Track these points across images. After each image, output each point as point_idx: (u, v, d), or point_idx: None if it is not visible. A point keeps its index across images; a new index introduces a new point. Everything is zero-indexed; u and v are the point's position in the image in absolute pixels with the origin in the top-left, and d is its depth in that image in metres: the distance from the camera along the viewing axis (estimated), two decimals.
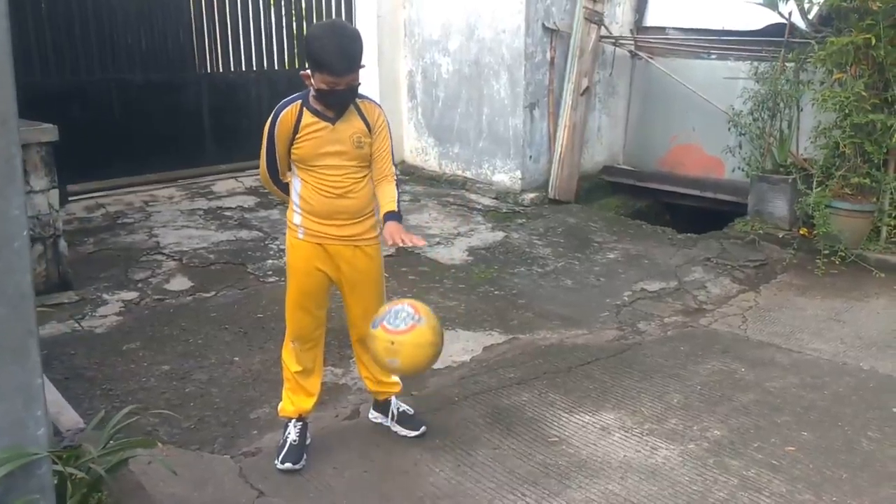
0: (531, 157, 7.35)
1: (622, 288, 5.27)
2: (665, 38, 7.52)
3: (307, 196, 3.01)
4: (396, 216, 2.97)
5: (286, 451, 3.15)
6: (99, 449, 2.43)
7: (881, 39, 5.47)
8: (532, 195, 7.26)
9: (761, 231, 6.17)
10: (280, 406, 3.27)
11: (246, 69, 7.89)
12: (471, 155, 7.75)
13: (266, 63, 8.00)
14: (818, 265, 5.54)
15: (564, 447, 3.33)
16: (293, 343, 3.18)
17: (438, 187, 7.77)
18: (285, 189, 3.13)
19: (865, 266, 5.57)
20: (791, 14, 6.28)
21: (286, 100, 2.98)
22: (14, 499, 1.99)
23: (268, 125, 2.98)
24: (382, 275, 3.24)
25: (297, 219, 3.07)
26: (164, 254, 5.64)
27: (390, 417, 3.40)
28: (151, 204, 6.86)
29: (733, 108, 6.64)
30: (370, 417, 3.50)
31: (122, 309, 4.72)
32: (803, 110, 6.33)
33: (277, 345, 3.37)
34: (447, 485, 3.06)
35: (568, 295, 5.17)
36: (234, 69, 7.84)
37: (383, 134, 3.04)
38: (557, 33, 7.21)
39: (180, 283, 5.12)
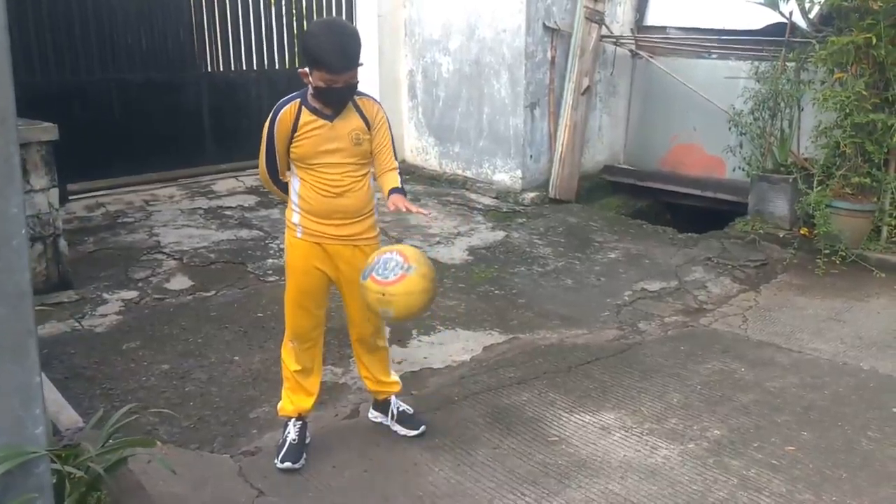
0: (532, 157, 7.35)
1: (622, 287, 5.27)
2: (666, 38, 7.52)
3: (306, 195, 3.01)
4: (401, 191, 3.01)
5: (286, 451, 3.14)
6: (98, 448, 2.43)
7: (882, 39, 5.46)
8: (532, 195, 7.26)
9: (762, 231, 6.17)
10: (279, 405, 3.27)
11: (246, 68, 7.89)
12: (471, 154, 7.75)
13: (266, 62, 8.00)
14: (818, 265, 5.54)
15: (564, 447, 3.33)
16: (292, 342, 3.18)
17: (439, 187, 7.76)
18: (285, 188, 3.13)
19: (866, 266, 5.57)
20: (792, 13, 6.28)
21: (285, 99, 2.98)
22: (12, 498, 1.98)
23: (267, 124, 2.99)
24: None
25: (296, 218, 3.07)
26: (165, 253, 5.64)
27: (390, 417, 3.40)
28: (152, 203, 6.86)
29: (734, 108, 6.63)
30: (370, 417, 3.49)
31: (122, 308, 4.72)
32: (804, 110, 6.32)
33: (277, 344, 3.37)
34: (447, 484, 3.06)
35: (568, 294, 5.17)
36: (235, 68, 7.83)
37: (383, 129, 3.04)
38: (558, 33, 7.20)
39: (180, 283, 5.12)
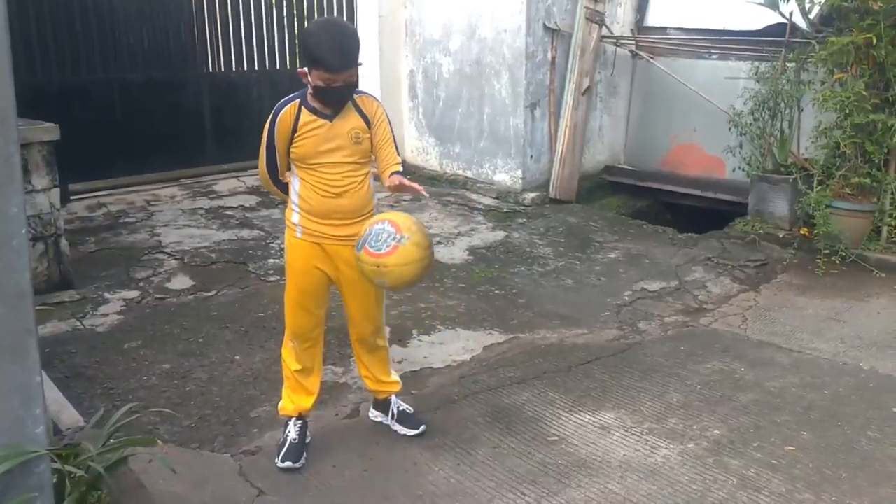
0: (532, 157, 7.36)
1: (623, 287, 5.27)
2: (666, 38, 7.52)
3: (306, 195, 3.02)
4: (401, 174, 3.00)
5: (286, 450, 3.15)
6: (98, 447, 2.43)
7: (882, 39, 5.46)
8: (533, 195, 7.26)
9: (762, 231, 6.17)
10: (280, 405, 3.28)
11: (247, 69, 7.90)
12: (472, 154, 7.76)
13: (268, 63, 8.00)
14: (818, 265, 5.54)
15: (564, 446, 3.34)
16: (292, 342, 3.19)
17: (439, 187, 7.77)
18: (285, 188, 3.14)
19: (866, 266, 5.57)
20: (792, 14, 6.28)
21: (284, 99, 2.99)
22: (12, 497, 1.99)
23: (267, 125, 2.99)
24: None
25: (296, 218, 3.08)
26: (166, 253, 5.65)
27: (390, 416, 3.40)
28: (153, 203, 6.87)
29: (734, 108, 6.63)
30: (370, 416, 3.50)
31: (124, 308, 4.73)
32: (804, 110, 6.32)
33: (278, 344, 3.37)
34: (447, 483, 3.06)
35: (568, 294, 5.17)
36: (236, 69, 7.84)
37: (383, 125, 3.04)
38: (558, 33, 7.21)
39: (181, 282, 5.13)
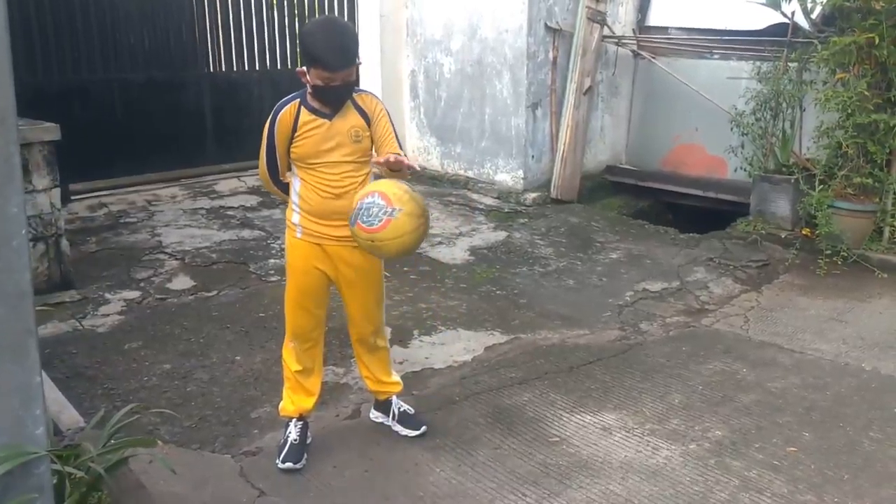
0: (533, 157, 7.35)
1: (624, 288, 5.26)
2: (668, 38, 7.51)
3: (306, 196, 3.01)
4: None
5: (287, 451, 3.14)
6: (99, 448, 2.43)
7: (884, 39, 5.45)
8: (534, 195, 7.25)
9: (763, 231, 6.16)
10: (281, 405, 3.27)
11: (248, 68, 7.89)
12: (473, 155, 7.75)
13: (269, 62, 8.00)
14: (820, 265, 5.53)
15: (565, 447, 3.33)
16: (293, 342, 3.18)
17: (440, 187, 7.76)
18: (285, 189, 3.13)
19: (868, 266, 5.56)
20: (794, 14, 6.27)
21: (284, 99, 2.98)
22: (12, 498, 1.98)
23: (267, 125, 2.99)
24: (382, 275, 3.23)
25: (296, 218, 3.07)
26: (167, 253, 5.65)
27: (391, 417, 3.40)
28: (154, 203, 6.87)
29: (736, 108, 6.62)
30: (371, 417, 3.49)
31: (124, 308, 4.72)
32: (806, 110, 6.31)
33: (279, 344, 3.37)
34: (448, 484, 3.05)
35: (570, 295, 5.16)
36: (237, 68, 7.84)
37: (383, 121, 3.01)
38: (560, 33, 7.20)
39: (182, 283, 5.13)
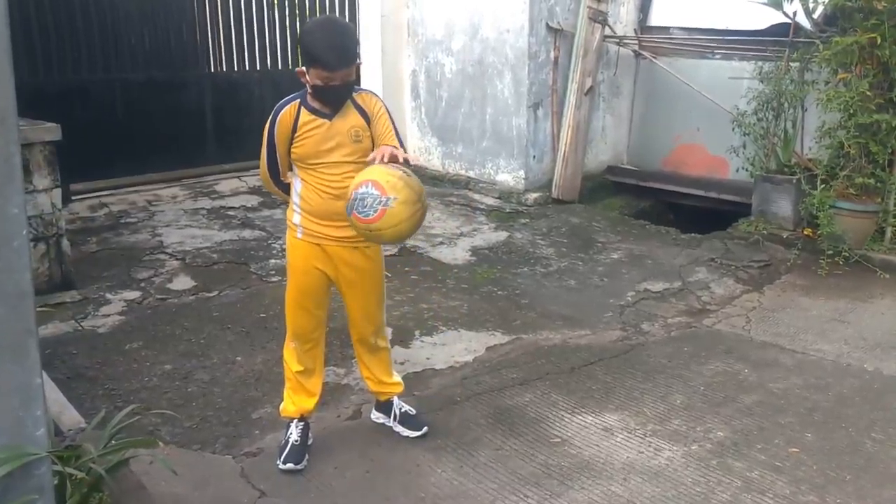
0: (534, 157, 7.34)
1: (625, 288, 5.25)
2: (669, 38, 7.50)
3: (306, 196, 3.00)
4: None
5: (288, 452, 3.14)
6: (100, 449, 2.42)
7: (886, 39, 5.44)
8: (535, 195, 7.24)
9: (765, 231, 6.15)
10: (282, 406, 3.27)
11: (249, 68, 7.89)
12: (474, 155, 7.74)
13: (269, 62, 8.00)
14: (822, 266, 5.52)
15: (567, 448, 3.32)
16: (293, 343, 3.18)
17: (442, 187, 7.75)
18: (286, 189, 3.12)
19: (869, 267, 5.55)
20: (795, 14, 6.26)
21: (284, 100, 2.97)
22: (13, 499, 1.98)
23: (267, 126, 2.98)
24: (383, 276, 3.22)
25: (297, 218, 3.06)
26: (167, 253, 5.64)
27: (392, 418, 3.39)
28: (155, 203, 6.86)
29: (737, 108, 6.61)
30: (372, 418, 3.49)
31: (125, 308, 4.72)
32: (807, 110, 6.30)
33: (280, 345, 3.36)
34: (449, 485, 3.05)
35: (571, 295, 5.15)
36: (238, 68, 7.84)
37: (383, 119, 3.00)
38: (561, 33, 7.19)
39: (183, 283, 5.12)
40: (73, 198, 6.64)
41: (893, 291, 5.21)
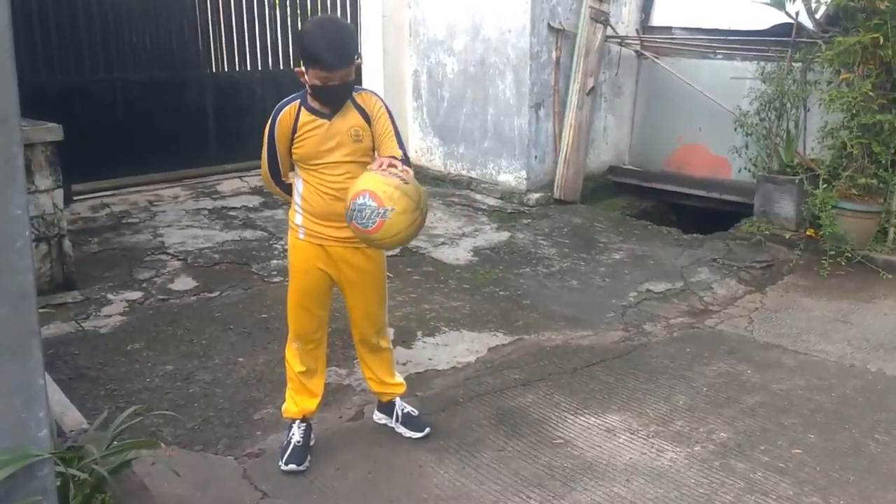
0: (536, 157, 7.33)
1: (628, 289, 5.25)
2: (671, 38, 7.49)
3: (308, 196, 3.00)
4: (403, 161, 2.86)
5: (290, 452, 3.13)
6: (102, 450, 2.42)
7: (889, 39, 5.44)
8: (537, 195, 7.24)
9: (767, 232, 6.14)
10: (284, 407, 3.26)
11: (251, 68, 7.88)
12: (476, 155, 7.74)
13: (271, 63, 7.99)
14: (824, 266, 5.51)
15: (569, 449, 3.32)
16: (295, 343, 3.17)
17: (443, 187, 7.75)
18: (287, 190, 3.12)
19: (872, 267, 5.54)
20: (798, 14, 6.25)
21: (284, 100, 2.97)
22: (16, 500, 1.97)
23: (267, 126, 2.98)
24: (384, 276, 3.22)
25: (298, 219, 3.06)
26: (169, 254, 5.64)
27: (394, 419, 3.39)
28: (156, 203, 6.86)
29: (740, 109, 6.61)
30: (374, 419, 3.48)
31: (127, 309, 4.71)
32: (810, 110, 6.30)
33: (282, 345, 3.36)
34: (451, 486, 3.04)
35: (573, 296, 5.15)
36: (239, 69, 7.82)
37: (383, 118, 2.98)
38: (563, 33, 7.18)
39: (185, 283, 5.12)
40: (75, 198, 6.64)
41: None
